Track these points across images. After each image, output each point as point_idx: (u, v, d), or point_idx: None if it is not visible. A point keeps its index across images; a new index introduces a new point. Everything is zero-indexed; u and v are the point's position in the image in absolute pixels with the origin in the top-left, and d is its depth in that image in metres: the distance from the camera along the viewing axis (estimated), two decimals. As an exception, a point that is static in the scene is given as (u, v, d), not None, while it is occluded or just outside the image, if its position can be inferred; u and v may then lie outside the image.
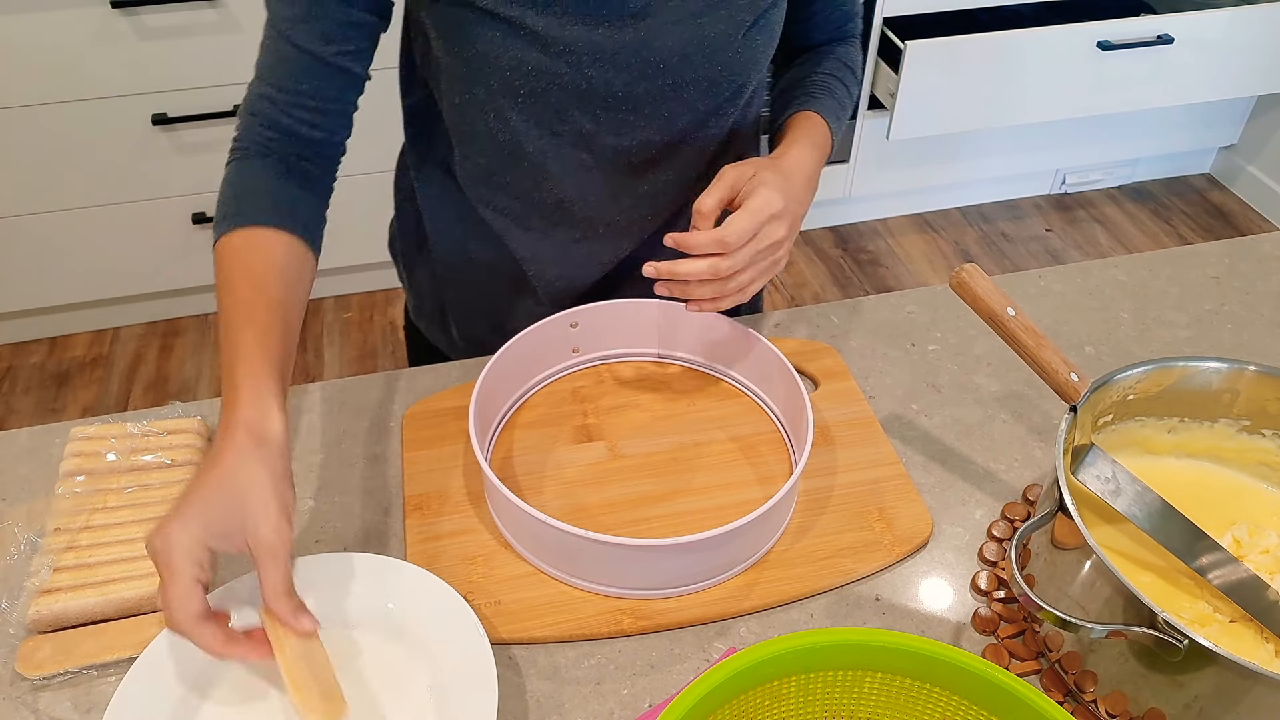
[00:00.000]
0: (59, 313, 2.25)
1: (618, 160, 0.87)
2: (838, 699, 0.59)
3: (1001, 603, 0.74)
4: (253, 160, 0.77)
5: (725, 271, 0.74)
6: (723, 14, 0.81)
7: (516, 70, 0.79)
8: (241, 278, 0.72)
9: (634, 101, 0.83)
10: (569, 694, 0.68)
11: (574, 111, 0.82)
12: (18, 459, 0.84)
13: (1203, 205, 2.78)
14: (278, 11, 0.75)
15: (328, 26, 0.75)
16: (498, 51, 0.78)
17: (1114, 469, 0.72)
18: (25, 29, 1.80)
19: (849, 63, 0.96)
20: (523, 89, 0.80)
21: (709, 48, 0.81)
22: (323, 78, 0.76)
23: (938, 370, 0.94)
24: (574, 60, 0.78)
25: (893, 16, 2.22)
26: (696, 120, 0.87)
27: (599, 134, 0.84)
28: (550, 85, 0.80)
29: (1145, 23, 2.25)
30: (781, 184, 0.77)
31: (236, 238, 0.74)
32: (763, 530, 0.75)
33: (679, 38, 0.80)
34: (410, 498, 0.80)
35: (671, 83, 0.82)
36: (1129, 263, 1.08)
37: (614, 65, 0.80)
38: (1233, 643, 0.67)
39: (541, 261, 0.94)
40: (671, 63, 0.81)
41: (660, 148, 0.87)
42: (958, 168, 2.59)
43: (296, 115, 0.76)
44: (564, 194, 0.89)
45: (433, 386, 0.91)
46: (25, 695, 0.68)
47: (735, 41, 0.82)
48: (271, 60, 0.76)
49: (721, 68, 0.83)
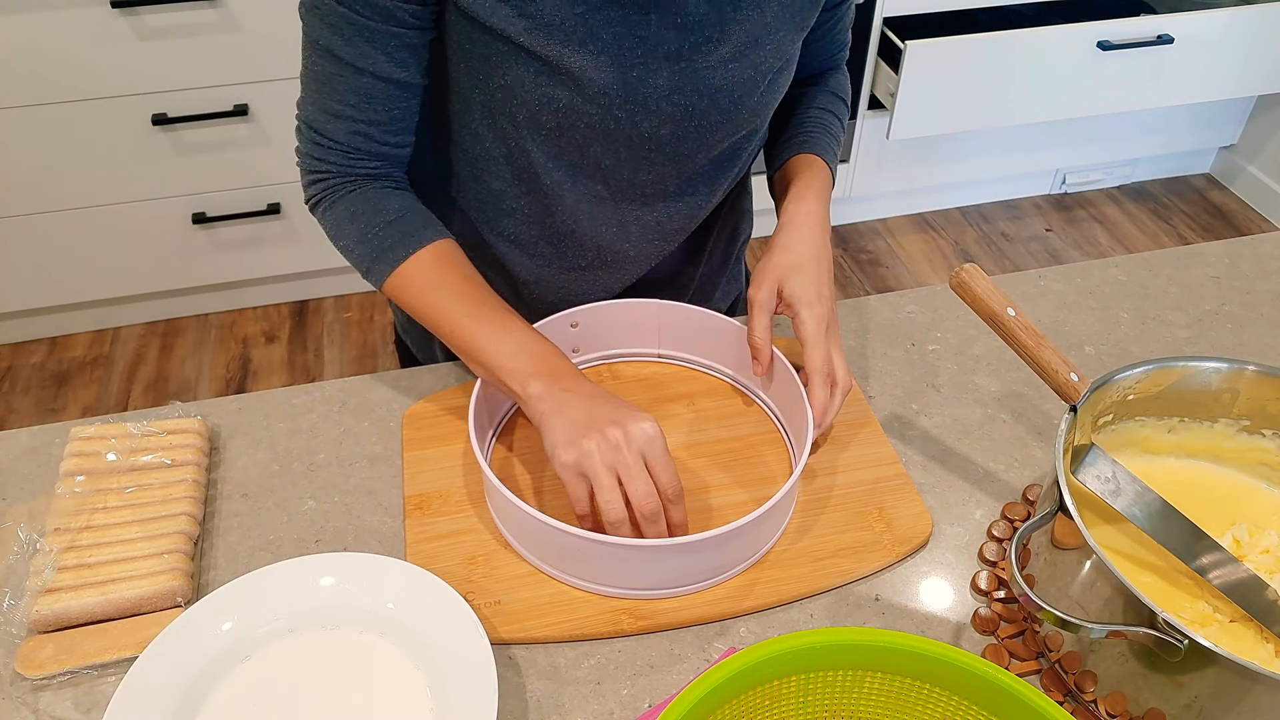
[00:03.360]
0: (59, 313, 2.25)
1: (631, 193, 0.87)
2: (838, 699, 0.59)
3: (1001, 603, 0.74)
4: (370, 189, 0.82)
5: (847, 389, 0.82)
6: (752, 60, 0.81)
7: (545, 107, 0.78)
8: (466, 282, 0.81)
9: (657, 142, 0.83)
10: (569, 694, 0.68)
11: (596, 148, 0.82)
12: (18, 459, 0.84)
13: (1203, 205, 2.78)
14: (345, 50, 0.75)
15: (404, 54, 0.77)
16: (529, 87, 0.78)
17: (1114, 469, 0.72)
18: (25, 29, 1.80)
19: (839, 93, 0.99)
20: (548, 124, 0.80)
21: (737, 93, 0.82)
22: (407, 100, 0.80)
23: (938, 370, 0.94)
24: (605, 102, 0.78)
25: (893, 16, 2.22)
26: (714, 158, 0.87)
27: (617, 168, 0.85)
28: (577, 123, 0.80)
29: (1145, 23, 2.25)
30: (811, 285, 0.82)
31: (424, 257, 0.81)
32: (763, 530, 0.75)
33: (710, 83, 0.80)
34: (410, 498, 0.80)
35: (697, 125, 0.83)
36: (1129, 263, 1.08)
37: (644, 108, 0.80)
38: (1233, 643, 0.67)
39: (544, 286, 0.94)
40: (700, 107, 0.81)
41: (675, 182, 0.88)
42: (958, 168, 2.59)
43: (392, 141, 0.81)
44: (576, 224, 0.89)
45: (433, 386, 0.91)
46: (25, 695, 0.68)
47: (761, 87, 0.83)
48: (355, 99, 0.78)
49: (746, 112, 0.84)
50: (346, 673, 0.68)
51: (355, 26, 0.74)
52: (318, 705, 0.66)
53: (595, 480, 0.69)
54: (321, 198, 0.83)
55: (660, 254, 0.94)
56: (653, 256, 0.94)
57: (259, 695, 0.67)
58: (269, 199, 2.12)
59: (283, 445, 0.86)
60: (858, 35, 2.25)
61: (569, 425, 0.71)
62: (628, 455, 0.69)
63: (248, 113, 1.98)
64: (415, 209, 0.83)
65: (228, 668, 0.68)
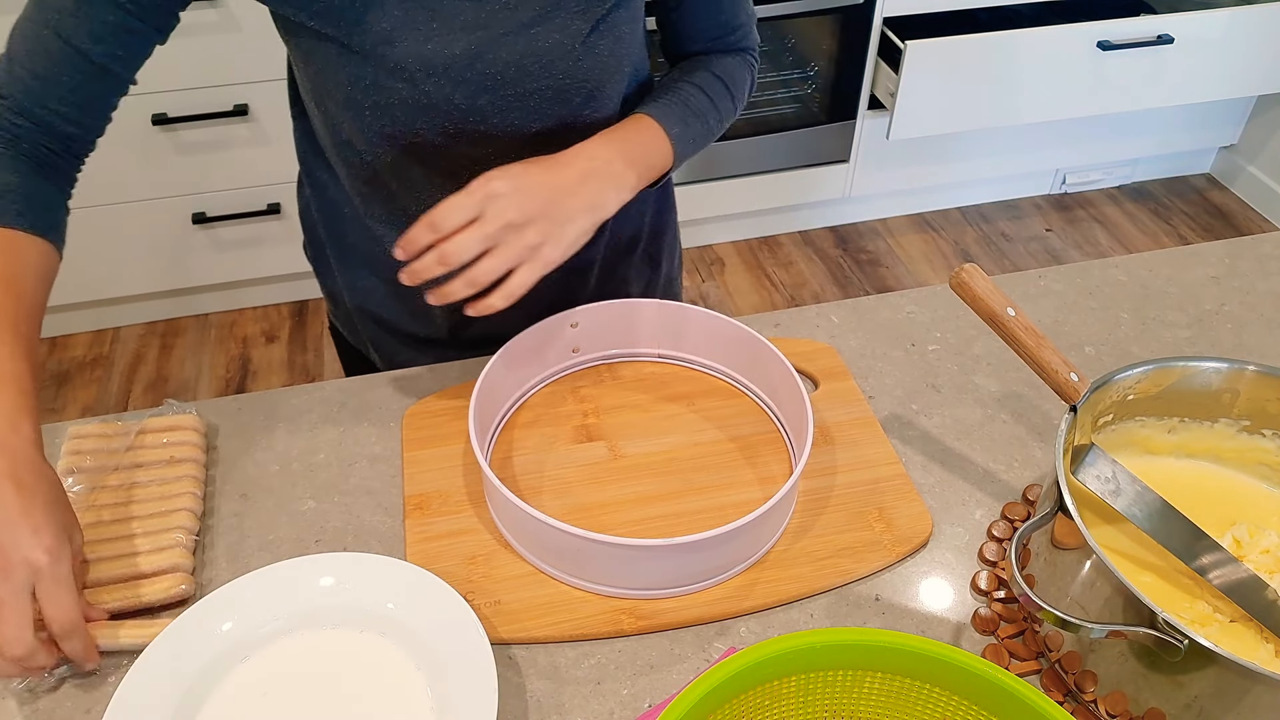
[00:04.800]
0: (59, 313, 2.25)
1: (475, 170, 0.82)
2: (838, 699, 0.59)
3: (1001, 603, 0.74)
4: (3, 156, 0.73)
5: (452, 257, 0.72)
6: (556, 23, 0.79)
7: (355, 86, 0.78)
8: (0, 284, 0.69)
9: (479, 114, 0.81)
10: (569, 694, 0.68)
11: (421, 125, 0.81)
12: (18, 459, 0.84)
13: (1203, 205, 2.78)
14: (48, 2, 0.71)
15: (97, 26, 0.72)
16: (334, 67, 0.77)
17: (1114, 469, 0.72)
18: (25, 29, 1.80)
19: (723, 75, 0.91)
20: (365, 103, 0.79)
21: (545, 57, 0.80)
22: (87, 75, 0.73)
23: (938, 370, 0.94)
24: (408, 76, 0.78)
25: (893, 16, 2.22)
26: (550, 127, 0.85)
27: (452, 146, 0.83)
28: (391, 100, 0.79)
29: (1145, 23, 2.25)
30: (522, 169, 0.75)
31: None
32: (763, 530, 0.75)
33: (512, 49, 0.79)
34: (410, 498, 0.80)
35: (514, 94, 0.81)
36: (1129, 263, 1.08)
37: (450, 80, 0.78)
38: (1233, 643, 0.67)
39: None
40: (509, 74, 0.80)
41: (520, 154, 0.83)
42: (958, 168, 2.59)
43: (53, 107, 0.73)
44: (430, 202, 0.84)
45: (433, 386, 0.91)
46: (28, 694, 0.68)
47: (575, 50, 0.81)
48: (32, 47, 0.72)
49: (564, 76, 0.82)
50: (346, 673, 0.68)
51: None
52: (318, 705, 0.66)
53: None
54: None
55: None
56: None
57: (259, 695, 0.66)
58: (269, 199, 2.12)
59: (283, 445, 0.86)
60: (858, 35, 2.25)
61: None
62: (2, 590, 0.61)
63: (247, 113, 1.98)
64: (25, 192, 0.73)
65: (228, 668, 0.68)
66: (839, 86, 2.34)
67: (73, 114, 0.75)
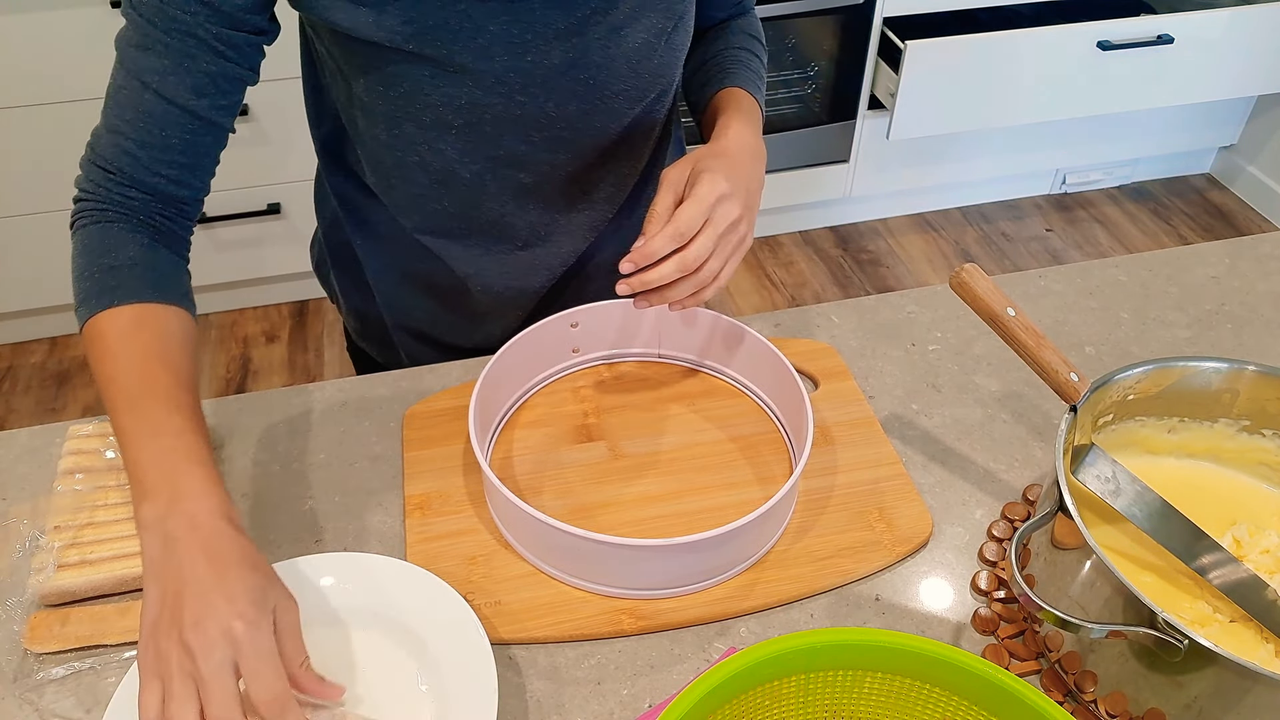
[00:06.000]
0: (59, 313, 2.25)
1: (554, 175, 0.87)
2: (838, 699, 0.59)
3: (1001, 603, 0.74)
4: (115, 225, 0.72)
5: (693, 263, 0.73)
6: (643, 23, 0.80)
7: (448, 106, 0.78)
8: (152, 360, 0.67)
9: (566, 120, 0.82)
10: (569, 694, 0.68)
11: (507, 137, 0.82)
12: (17, 459, 0.84)
13: (1203, 205, 2.78)
14: (139, 62, 0.70)
15: (199, 80, 0.71)
16: (428, 90, 0.77)
17: (1114, 469, 0.72)
18: (25, 29, 1.80)
19: (753, 32, 0.96)
20: (455, 122, 0.80)
21: (635, 57, 0.81)
22: (194, 132, 0.72)
23: (938, 370, 0.94)
24: (505, 90, 0.78)
25: (893, 16, 2.22)
26: (627, 125, 0.87)
27: (533, 153, 0.84)
28: (483, 116, 0.79)
29: (1145, 23, 2.25)
30: (723, 166, 0.76)
31: (124, 316, 0.69)
32: (763, 530, 0.75)
33: (605, 53, 0.80)
34: (410, 498, 0.80)
35: (601, 97, 0.82)
36: (1129, 263, 1.08)
37: (545, 89, 0.79)
38: (1233, 643, 0.67)
39: (486, 275, 0.93)
40: (600, 78, 0.81)
41: (594, 155, 0.87)
42: (958, 168, 2.59)
43: (165, 173, 0.73)
44: (503, 210, 0.88)
45: (433, 386, 0.91)
46: (29, 693, 0.68)
47: (658, 49, 0.82)
48: (132, 115, 0.71)
49: (647, 75, 0.83)
50: (346, 673, 0.68)
51: (149, 38, 0.69)
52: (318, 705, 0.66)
53: (168, 689, 0.57)
54: (74, 222, 0.74)
55: (594, 224, 0.93)
56: (585, 229, 0.93)
57: (259, 695, 0.66)
58: (269, 199, 2.12)
59: (283, 445, 0.86)
60: (858, 35, 2.25)
61: (158, 602, 0.58)
62: (204, 668, 0.56)
63: (248, 113, 1.98)
64: (151, 264, 0.72)
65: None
66: (839, 86, 2.34)
67: (183, 176, 0.74)
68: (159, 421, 0.64)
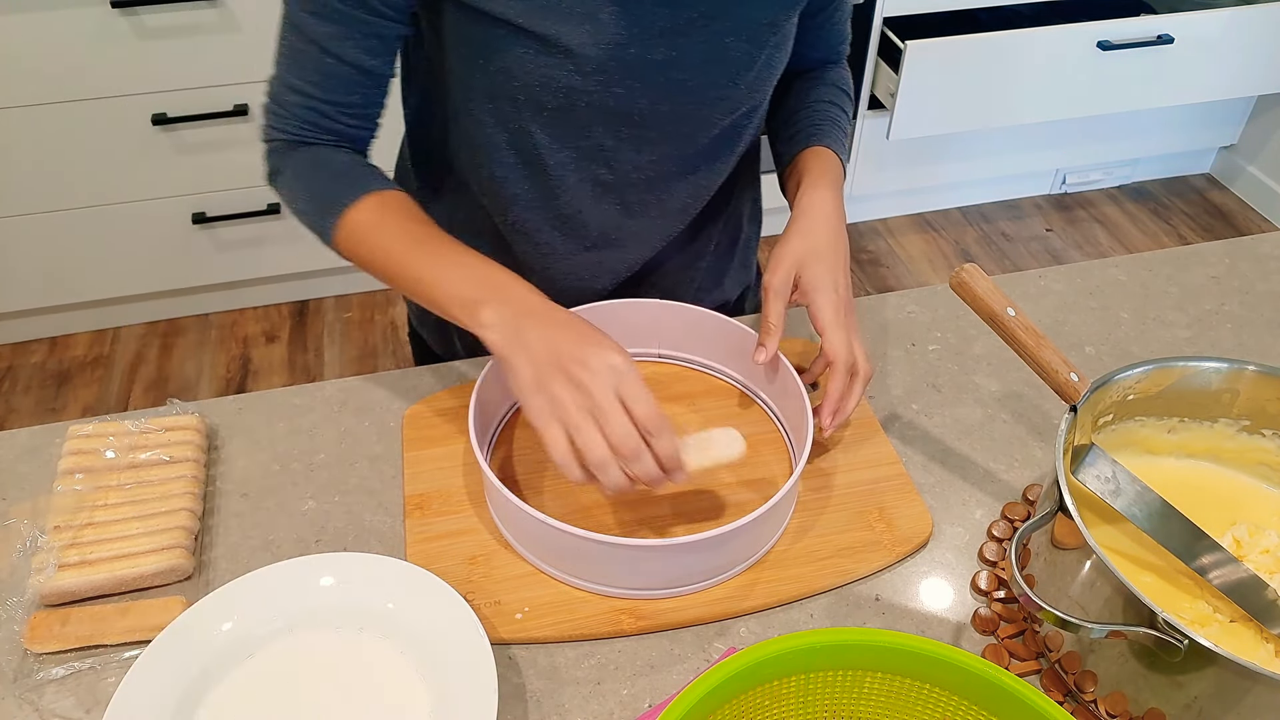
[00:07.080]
0: (59, 313, 2.25)
1: (634, 175, 0.87)
2: (838, 699, 0.59)
3: (1001, 603, 0.74)
4: (318, 148, 0.82)
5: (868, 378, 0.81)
6: (747, 34, 0.81)
7: (545, 87, 0.79)
8: (416, 222, 0.79)
9: (657, 119, 0.83)
10: (569, 694, 0.68)
11: (597, 128, 0.82)
12: (18, 459, 0.84)
13: (1203, 205, 2.78)
14: (316, 29, 0.77)
15: (371, 43, 0.78)
16: (529, 68, 0.78)
17: (1114, 469, 0.72)
18: (25, 29, 1.80)
19: (843, 86, 0.98)
20: (549, 105, 0.80)
21: (734, 67, 0.82)
22: (370, 88, 0.81)
23: (938, 370, 0.94)
24: (604, 79, 0.78)
25: (893, 16, 2.22)
26: (714, 137, 0.87)
27: (619, 149, 0.85)
28: (577, 102, 0.80)
29: (1145, 23, 2.25)
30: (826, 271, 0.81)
31: (369, 202, 0.79)
32: (763, 530, 0.75)
33: (706, 58, 0.80)
34: (410, 498, 0.80)
35: (694, 101, 0.83)
36: (1129, 263, 1.08)
37: (642, 84, 0.80)
38: (1233, 643, 0.67)
39: (551, 271, 0.94)
40: (697, 82, 0.81)
41: (677, 163, 0.88)
42: (958, 168, 2.59)
43: (346, 123, 0.82)
44: (580, 206, 0.88)
45: (433, 386, 0.91)
46: (29, 693, 0.68)
47: (758, 61, 0.83)
48: (316, 77, 0.79)
49: (744, 86, 0.84)
50: (346, 673, 0.68)
51: (326, 6, 0.75)
52: (318, 705, 0.66)
53: (570, 426, 0.67)
54: (276, 166, 0.83)
55: (664, 234, 0.94)
56: (656, 237, 0.94)
57: (259, 695, 0.67)
58: (269, 199, 2.12)
59: (283, 445, 0.86)
60: (858, 35, 2.25)
61: (532, 366, 0.69)
62: (598, 396, 0.67)
63: (247, 113, 1.98)
64: (363, 164, 0.83)
65: (228, 667, 0.68)
66: (839, 86, 2.34)
67: (362, 124, 0.83)
68: (457, 253, 0.77)
